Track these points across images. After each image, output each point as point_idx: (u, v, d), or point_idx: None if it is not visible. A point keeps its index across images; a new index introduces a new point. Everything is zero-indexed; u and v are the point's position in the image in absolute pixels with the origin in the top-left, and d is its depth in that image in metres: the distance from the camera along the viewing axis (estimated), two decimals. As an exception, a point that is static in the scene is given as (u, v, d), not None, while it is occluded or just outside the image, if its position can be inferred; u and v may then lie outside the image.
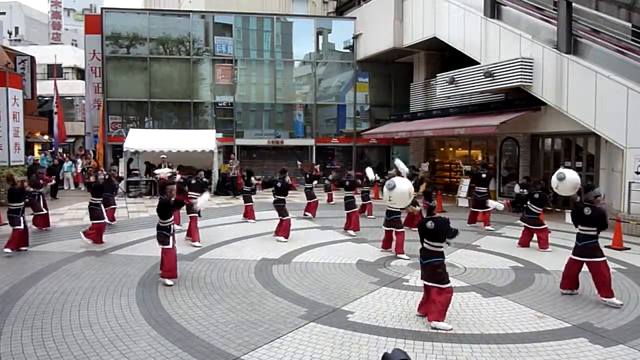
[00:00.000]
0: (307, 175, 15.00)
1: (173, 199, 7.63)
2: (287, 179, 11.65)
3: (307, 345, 5.17)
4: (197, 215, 10.21)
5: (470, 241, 10.52)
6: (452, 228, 6.00)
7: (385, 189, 7.03)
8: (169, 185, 8.11)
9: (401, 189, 6.90)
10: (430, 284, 5.89)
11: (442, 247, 5.95)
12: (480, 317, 6.05)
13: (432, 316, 5.74)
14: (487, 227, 11.97)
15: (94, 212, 10.13)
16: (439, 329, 5.58)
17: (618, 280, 7.62)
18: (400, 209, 8.87)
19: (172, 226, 7.59)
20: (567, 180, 7.94)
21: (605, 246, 7.71)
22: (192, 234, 10.06)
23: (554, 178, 8.19)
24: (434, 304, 5.76)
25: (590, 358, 4.99)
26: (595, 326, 5.77)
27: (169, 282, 7.20)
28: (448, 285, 5.83)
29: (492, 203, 11.17)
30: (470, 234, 11.31)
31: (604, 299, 6.55)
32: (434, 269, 5.88)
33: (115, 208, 12.60)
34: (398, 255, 8.98)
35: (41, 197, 11.71)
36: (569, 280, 6.98)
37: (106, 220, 10.77)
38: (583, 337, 5.46)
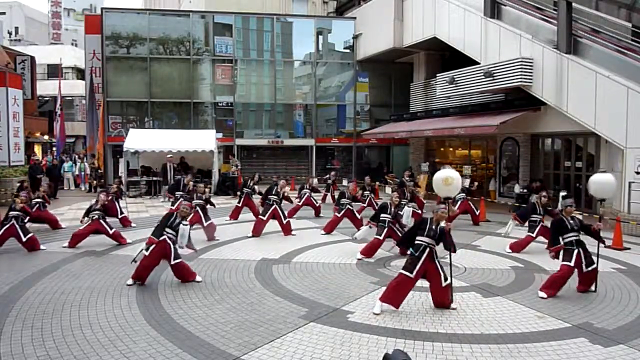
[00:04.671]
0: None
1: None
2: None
3: (307, 345, 5.17)
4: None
5: (470, 241, 10.52)
6: None
7: None
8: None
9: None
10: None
11: None
12: (480, 317, 6.04)
13: None
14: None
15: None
16: None
17: (618, 280, 7.64)
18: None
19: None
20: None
21: (606, 246, 7.69)
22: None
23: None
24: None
25: (590, 358, 4.99)
26: (595, 326, 5.77)
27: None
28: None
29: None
30: (470, 234, 11.31)
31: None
32: None
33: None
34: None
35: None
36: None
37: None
38: (583, 337, 5.46)
